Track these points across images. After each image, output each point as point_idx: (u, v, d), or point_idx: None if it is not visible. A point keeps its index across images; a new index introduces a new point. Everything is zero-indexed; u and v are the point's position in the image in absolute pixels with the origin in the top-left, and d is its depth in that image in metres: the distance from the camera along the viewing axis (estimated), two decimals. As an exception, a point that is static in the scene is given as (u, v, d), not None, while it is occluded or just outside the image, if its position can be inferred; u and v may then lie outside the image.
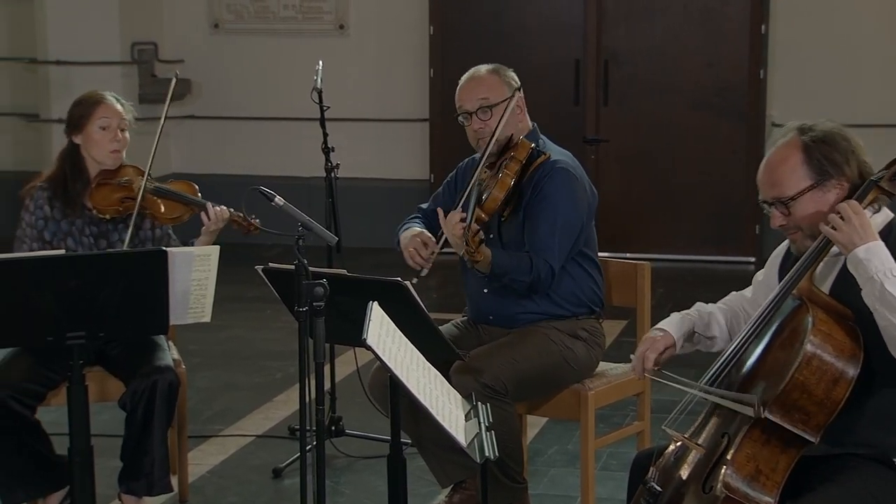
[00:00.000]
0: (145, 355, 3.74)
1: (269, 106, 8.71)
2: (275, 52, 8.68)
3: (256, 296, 6.73)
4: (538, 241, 3.63)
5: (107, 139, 3.81)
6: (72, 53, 8.23)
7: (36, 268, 3.26)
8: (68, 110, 3.89)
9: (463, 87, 3.79)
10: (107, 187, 3.83)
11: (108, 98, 3.88)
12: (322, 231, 3.23)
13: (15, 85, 8.89)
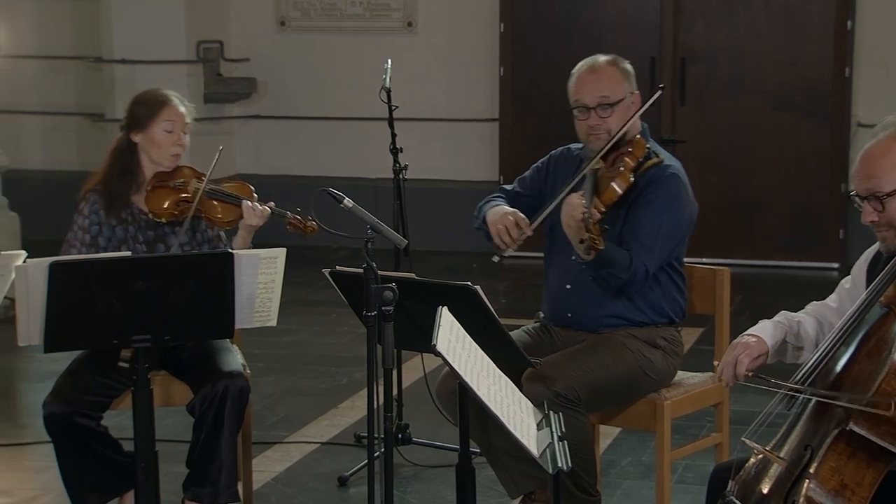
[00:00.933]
0: (214, 360, 3.78)
1: (336, 105, 8.77)
2: (342, 51, 8.74)
3: (321, 299, 6.78)
4: (639, 243, 3.62)
5: (170, 142, 3.85)
6: (137, 52, 8.35)
7: (102, 270, 3.31)
8: (130, 106, 3.91)
9: (582, 79, 3.76)
10: (163, 190, 3.87)
11: (173, 99, 3.90)
12: (391, 234, 3.25)
13: (80, 84, 9.05)
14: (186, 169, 3.93)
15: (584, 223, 3.35)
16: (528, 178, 3.96)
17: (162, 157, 3.86)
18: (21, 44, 8.49)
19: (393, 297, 2.80)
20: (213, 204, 3.87)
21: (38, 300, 3.25)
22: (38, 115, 9.12)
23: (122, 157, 3.89)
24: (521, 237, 3.69)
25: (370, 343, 2.89)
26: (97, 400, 3.69)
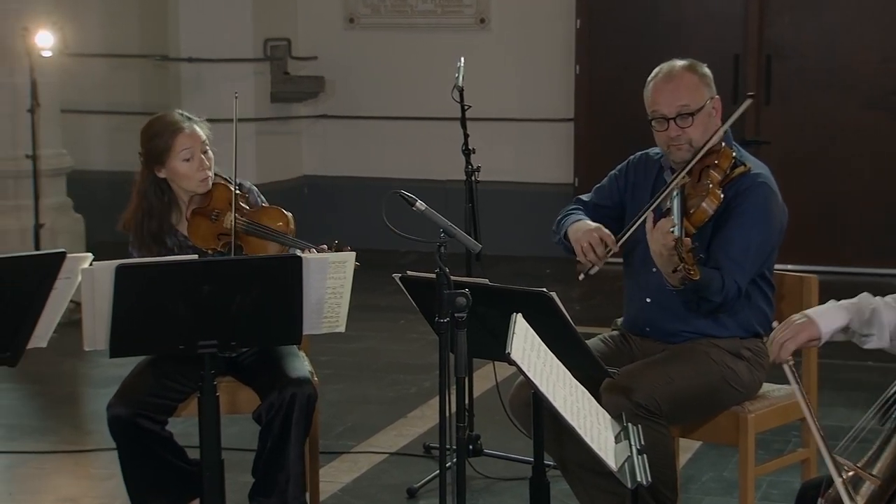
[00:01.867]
0: (281, 366, 3.81)
1: (406, 105, 8.80)
2: (412, 48, 8.77)
3: (389, 305, 6.81)
4: (730, 259, 3.56)
5: (193, 168, 3.85)
6: (204, 50, 8.45)
7: (169, 273, 3.36)
8: (142, 143, 3.90)
9: (658, 88, 3.70)
10: (202, 220, 3.88)
11: (182, 124, 3.85)
12: (465, 238, 3.25)
13: (145, 83, 9.17)
14: (222, 189, 3.89)
15: (676, 252, 3.30)
16: (605, 187, 3.93)
17: (191, 185, 3.88)
18: (87, 42, 8.62)
19: (466, 304, 2.81)
20: (251, 241, 3.85)
21: (104, 304, 3.31)
22: (103, 115, 9.26)
23: (150, 198, 3.88)
24: (607, 254, 3.65)
25: (442, 351, 2.90)
26: (162, 403, 3.74)
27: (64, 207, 7.46)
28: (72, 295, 3.31)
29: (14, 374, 5.55)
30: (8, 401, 5.61)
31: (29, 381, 5.79)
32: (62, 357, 6.04)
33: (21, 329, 3.20)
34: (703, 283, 3.45)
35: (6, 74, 7.11)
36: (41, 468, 4.77)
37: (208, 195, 3.88)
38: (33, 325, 3.22)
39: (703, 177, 3.59)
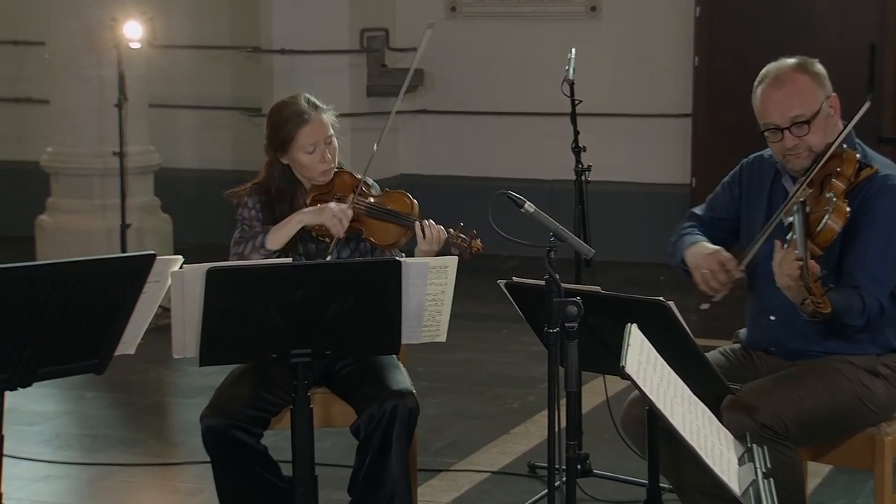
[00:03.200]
0: (381, 377, 3.83)
1: (510, 99, 8.80)
2: (518, 39, 8.77)
3: (492, 313, 6.82)
4: (868, 274, 3.49)
5: (315, 160, 3.92)
6: (297, 42, 8.54)
7: (262, 277, 3.40)
8: (269, 128, 3.97)
9: (768, 96, 3.63)
10: (321, 203, 3.95)
11: (308, 114, 3.92)
12: (577, 242, 3.25)
13: (236, 76, 9.31)
14: (346, 176, 3.98)
15: (802, 281, 3.24)
16: (719, 197, 3.87)
17: (312, 175, 3.96)
18: (176, 33, 8.75)
19: (577, 313, 2.81)
20: (372, 223, 3.91)
21: (194, 309, 3.35)
22: (192, 110, 9.41)
23: (279, 183, 3.97)
24: (730, 280, 3.61)
25: (551, 363, 2.90)
26: (257, 415, 3.78)
27: (151, 207, 7.58)
28: (161, 299, 3.36)
29: (100, 381, 5.71)
30: (93, 410, 5.74)
31: (115, 389, 5.91)
32: (149, 364, 6.17)
33: (108, 335, 3.26)
34: (841, 309, 3.39)
35: (93, 67, 7.25)
36: (127, 482, 4.86)
37: (331, 181, 3.98)
38: (121, 330, 3.28)
39: (826, 187, 3.49)
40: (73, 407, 5.74)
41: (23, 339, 3.08)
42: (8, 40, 9.52)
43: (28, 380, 3.16)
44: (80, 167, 7.35)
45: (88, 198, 7.36)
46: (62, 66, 7.34)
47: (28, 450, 5.09)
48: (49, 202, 7.56)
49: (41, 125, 8.42)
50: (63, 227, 7.37)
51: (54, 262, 3.19)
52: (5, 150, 9.64)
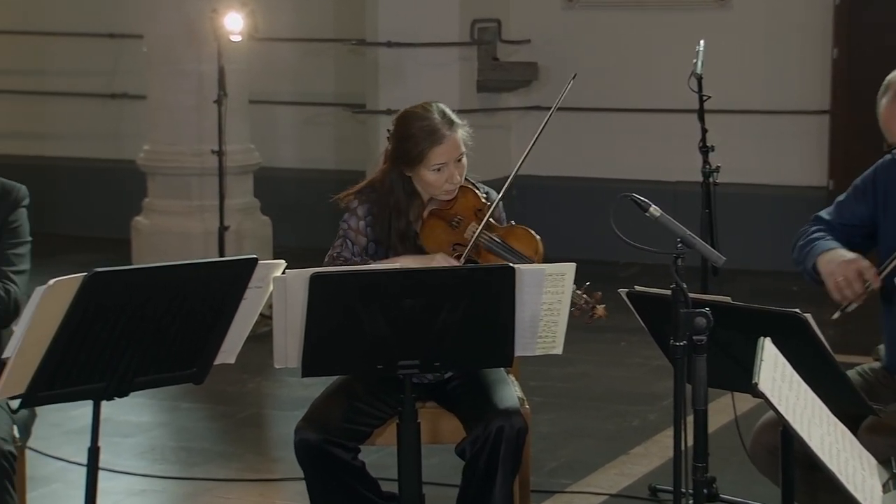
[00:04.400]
0: (488, 393, 3.83)
1: (633, 95, 8.76)
2: (640, 31, 8.72)
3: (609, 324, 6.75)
4: None
5: (441, 180, 3.90)
6: (404, 34, 8.60)
7: (369, 284, 3.42)
8: (396, 140, 3.92)
9: (892, 112, 3.62)
10: (438, 224, 3.93)
11: (443, 132, 3.86)
12: (707, 249, 3.21)
13: (339, 71, 9.39)
14: (470, 196, 3.94)
15: None
16: (850, 201, 3.81)
17: (434, 193, 3.94)
18: (277, 25, 8.86)
19: (706, 325, 2.78)
20: (489, 257, 3.88)
21: (297, 317, 3.38)
22: (293, 106, 9.52)
23: (398, 195, 3.93)
24: (866, 290, 3.55)
25: (677, 379, 2.87)
26: (355, 429, 3.80)
27: (251, 209, 7.68)
28: (262, 306, 3.40)
29: (196, 392, 5.80)
30: (190, 422, 5.83)
31: (212, 400, 6.00)
32: (247, 375, 6.25)
33: (208, 343, 3.31)
34: None
35: (193, 61, 7.37)
36: (224, 498, 4.93)
37: (453, 198, 3.95)
38: (221, 338, 3.33)
39: None
40: (168, 418, 5.84)
41: (120, 347, 3.13)
42: (104, 33, 9.71)
43: (125, 389, 3.22)
44: (178, 166, 7.46)
45: (186, 198, 7.47)
46: (160, 60, 7.46)
47: (123, 463, 5.19)
48: (145, 203, 7.68)
49: (138, 122, 8.59)
50: (160, 229, 7.49)
51: (153, 266, 3.24)
52: (100, 148, 9.83)
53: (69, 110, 9.95)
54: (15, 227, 3.70)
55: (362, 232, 3.95)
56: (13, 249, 3.68)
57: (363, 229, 3.95)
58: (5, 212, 3.69)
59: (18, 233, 3.71)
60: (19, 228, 3.72)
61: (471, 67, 8.79)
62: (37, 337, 3.01)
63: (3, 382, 3.04)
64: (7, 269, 3.64)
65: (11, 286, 3.61)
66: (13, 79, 10.02)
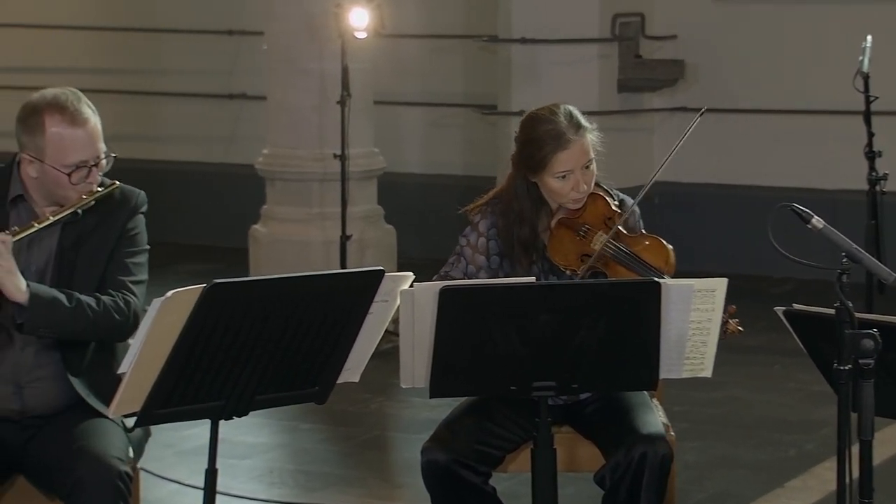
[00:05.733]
0: (630, 417, 3.82)
1: (789, 95, 8.63)
2: (799, 25, 8.60)
3: (761, 345, 6.69)
4: None
5: (567, 188, 3.89)
6: (539, 29, 8.58)
7: (502, 298, 3.42)
8: (520, 144, 3.93)
9: None
10: (566, 234, 3.92)
11: (569, 136, 3.86)
12: (874, 265, 3.16)
13: (469, 69, 9.41)
14: (600, 203, 3.92)
15: None
16: None
17: (560, 201, 3.94)
18: (405, 20, 8.90)
19: (874, 348, 2.73)
20: (617, 268, 3.87)
21: (425, 334, 3.40)
22: (419, 107, 9.56)
23: (522, 201, 3.94)
24: None
25: (841, 406, 2.83)
26: (486, 451, 3.81)
27: (374, 217, 7.71)
28: (388, 321, 3.42)
29: (316, 412, 5.85)
30: (309, 443, 5.88)
31: (332, 421, 6.04)
32: (370, 394, 6.29)
33: (331, 360, 3.34)
34: None
35: (314, 59, 7.42)
36: (345, 525, 4.98)
37: (581, 206, 3.94)
38: (345, 355, 3.36)
39: None
40: (287, 440, 5.90)
41: (240, 363, 3.18)
42: (222, 30, 9.85)
43: (244, 408, 3.27)
44: (298, 171, 7.51)
45: (306, 205, 7.52)
46: (281, 59, 7.54)
47: (239, 486, 5.26)
48: (263, 210, 7.76)
49: (256, 124, 8.70)
50: (279, 237, 7.55)
51: (275, 277, 3.28)
52: (217, 152, 9.97)
53: (184, 112, 10.11)
54: (133, 234, 3.76)
55: (481, 250, 3.96)
56: (131, 258, 3.74)
57: (482, 247, 3.96)
58: (124, 218, 3.75)
59: (137, 241, 3.77)
60: (138, 236, 3.78)
61: (611, 65, 8.75)
62: (153, 351, 3.07)
63: (117, 399, 3.11)
64: (125, 279, 3.69)
65: (130, 297, 3.67)
66: (125, 78, 10.21)
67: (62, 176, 3.61)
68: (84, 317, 3.58)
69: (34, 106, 3.65)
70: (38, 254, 3.69)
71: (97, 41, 10.27)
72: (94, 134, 3.65)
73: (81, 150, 3.62)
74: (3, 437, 3.63)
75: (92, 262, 3.69)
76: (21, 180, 3.69)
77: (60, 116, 3.61)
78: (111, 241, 3.71)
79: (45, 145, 3.61)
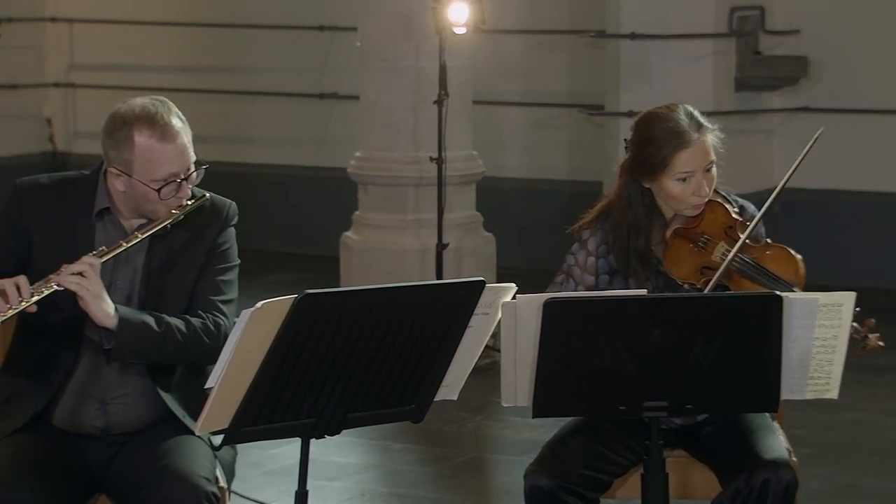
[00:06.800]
0: (751, 441, 3.80)
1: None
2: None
3: (891, 364, 6.62)
4: None
5: (687, 192, 3.88)
6: (651, 24, 8.55)
7: (612, 312, 3.42)
8: (635, 145, 3.92)
9: None
10: (683, 245, 3.91)
11: (690, 136, 3.84)
12: None
13: (574, 66, 9.40)
14: (719, 211, 3.91)
15: None
16: None
17: (679, 208, 3.92)
18: (506, 15, 8.91)
19: None
20: (742, 282, 3.85)
21: (529, 349, 3.40)
22: (520, 107, 9.57)
23: (636, 209, 3.93)
24: None
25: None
26: (594, 476, 3.81)
27: (472, 224, 7.72)
28: (489, 335, 3.43)
29: (409, 432, 5.89)
30: (402, 465, 5.92)
31: (427, 441, 6.07)
32: (467, 413, 6.31)
33: (428, 376, 3.36)
34: None
35: (410, 56, 7.45)
36: (440, 551, 5.00)
37: (699, 214, 3.93)
38: (443, 371, 3.38)
39: None
40: (379, 460, 5.93)
41: (332, 379, 3.21)
42: (313, 25, 9.93)
43: (336, 426, 3.30)
44: (393, 175, 7.53)
45: (401, 212, 7.54)
46: (375, 56, 7.56)
47: (330, 509, 5.32)
48: (355, 216, 7.80)
49: (348, 125, 8.75)
50: (372, 245, 7.57)
51: (370, 287, 3.30)
52: (307, 155, 10.04)
53: (272, 112, 10.19)
54: (224, 249, 3.78)
55: (590, 269, 3.96)
56: (221, 276, 3.76)
57: (591, 266, 3.96)
58: (214, 232, 3.77)
59: (227, 256, 3.79)
60: (228, 251, 3.79)
61: (728, 62, 8.70)
62: (242, 365, 3.10)
63: (204, 415, 3.15)
64: (215, 299, 3.72)
65: (221, 318, 3.69)
66: (211, 77, 10.32)
67: (151, 191, 3.64)
68: (174, 342, 3.62)
69: (122, 118, 3.66)
70: (124, 273, 3.72)
71: (182, 38, 10.41)
72: (184, 147, 3.66)
73: (171, 165, 3.64)
74: (86, 454, 3.69)
75: (181, 282, 3.73)
76: (107, 192, 3.73)
77: (150, 131, 3.63)
78: (200, 257, 3.74)
79: (133, 160, 3.63)
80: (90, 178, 3.77)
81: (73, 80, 10.86)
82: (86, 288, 3.52)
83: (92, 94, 10.54)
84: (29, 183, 3.78)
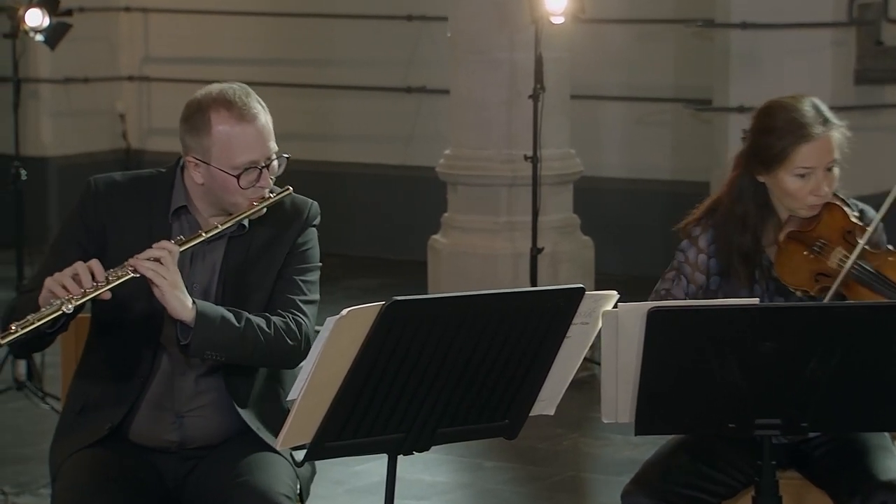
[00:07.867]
0: (868, 461, 3.78)
1: None
2: None
3: None
4: None
5: (805, 190, 3.85)
6: (764, 12, 8.52)
7: (720, 322, 3.40)
8: (754, 133, 3.90)
9: None
10: (797, 249, 3.88)
11: (814, 129, 3.82)
12: None
13: (679, 58, 9.37)
14: (837, 214, 3.89)
15: None
16: None
17: (793, 206, 3.90)
18: (608, 4, 8.89)
19: None
20: (861, 291, 3.82)
21: (631, 362, 3.39)
22: (621, 102, 9.55)
23: (746, 203, 3.92)
24: None
25: None
26: (698, 497, 3.80)
27: (569, 227, 7.71)
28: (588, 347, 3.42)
29: (501, 449, 5.88)
30: (493, 483, 5.92)
31: (520, 459, 6.07)
32: (563, 429, 6.30)
33: (523, 389, 3.35)
34: None
35: (504, 48, 7.46)
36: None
37: (815, 217, 3.91)
38: (539, 384, 3.37)
39: None
40: (469, 479, 5.93)
41: (421, 392, 3.21)
42: (401, 15, 9.96)
43: (425, 442, 3.30)
44: (485, 175, 7.54)
45: (493, 214, 7.55)
46: (467, 48, 7.58)
47: (417, 530, 5.34)
48: (444, 218, 7.81)
49: (437, 121, 8.77)
50: (461, 249, 7.59)
51: (461, 294, 3.30)
52: (394, 153, 10.06)
53: (356, 107, 10.24)
54: (305, 249, 3.80)
55: (701, 268, 3.94)
56: (302, 276, 3.77)
57: (703, 264, 3.95)
58: (295, 232, 3.79)
59: (308, 256, 3.80)
60: (310, 252, 3.81)
61: (847, 54, 8.64)
62: (326, 376, 3.11)
63: (286, 429, 3.16)
64: (295, 298, 3.73)
65: (302, 318, 3.70)
66: (294, 70, 10.38)
67: (230, 179, 3.65)
68: (254, 339, 3.62)
69: (199, 103, 3.69)
70: (201, 271, 3.74)
71: (262, 29, 10.49)
72: (264, 131, 3.68)
73: (251, 150, 3.66)
74: (162, 469, 3.72)
75: (260, 282, 3.74)
76: (185, 188, 3.75)
77: (228, 113, 3.65)
78: (279, 258, 3.75)
79: (211, 145, 3.65)
80: (167, 175, 3.80)
81: (147, 74, 10.99)
82: (162, 276, 3.52)
83: (167, 89, 10.65)
84: (103, 180, 3.81)
